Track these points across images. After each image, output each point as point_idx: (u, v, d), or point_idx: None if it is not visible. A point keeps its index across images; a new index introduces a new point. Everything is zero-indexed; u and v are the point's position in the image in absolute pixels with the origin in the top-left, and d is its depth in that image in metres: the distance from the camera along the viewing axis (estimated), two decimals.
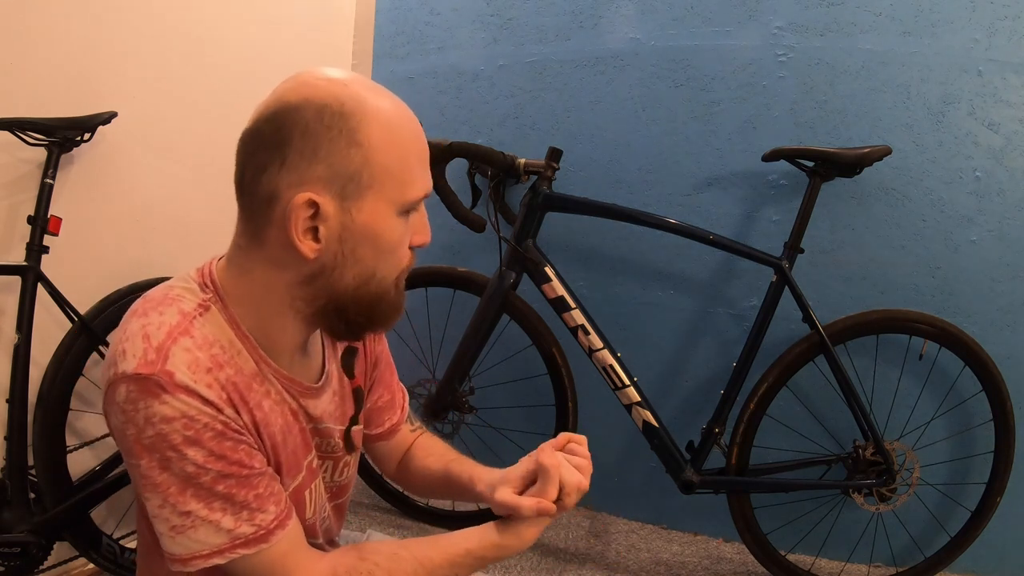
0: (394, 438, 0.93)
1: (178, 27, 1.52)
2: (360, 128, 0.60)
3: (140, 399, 0.58)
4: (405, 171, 0.63)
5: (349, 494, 0.88)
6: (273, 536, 0.64)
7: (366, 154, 0.61)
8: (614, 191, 1.82)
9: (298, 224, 0.61)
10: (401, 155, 0.63)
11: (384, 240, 0.64)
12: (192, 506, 0.60)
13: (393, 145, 0.62)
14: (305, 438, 0.74)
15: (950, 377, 1.63)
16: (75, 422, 1.37)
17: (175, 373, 0.58)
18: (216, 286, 0.66)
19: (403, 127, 0.63)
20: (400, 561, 0.70)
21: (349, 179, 0.61)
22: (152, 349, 0.59)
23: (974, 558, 1.63)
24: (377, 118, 0.61)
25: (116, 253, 1.45)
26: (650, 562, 1.73)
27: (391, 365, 0.93)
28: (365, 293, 0.66)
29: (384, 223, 0.64)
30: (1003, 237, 1.58)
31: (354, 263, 0.64)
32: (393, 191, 0.63)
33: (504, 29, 1.92)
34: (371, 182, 0.62)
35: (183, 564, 0.62)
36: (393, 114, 0.63)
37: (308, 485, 0.75)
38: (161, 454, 0.59)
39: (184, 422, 0.58)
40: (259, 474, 0.64)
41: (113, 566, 1.35)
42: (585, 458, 0.74)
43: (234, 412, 0.63)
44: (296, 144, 0.60)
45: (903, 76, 1.59)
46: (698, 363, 1.82)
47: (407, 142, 0.63)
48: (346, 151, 0.60)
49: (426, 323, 1.93)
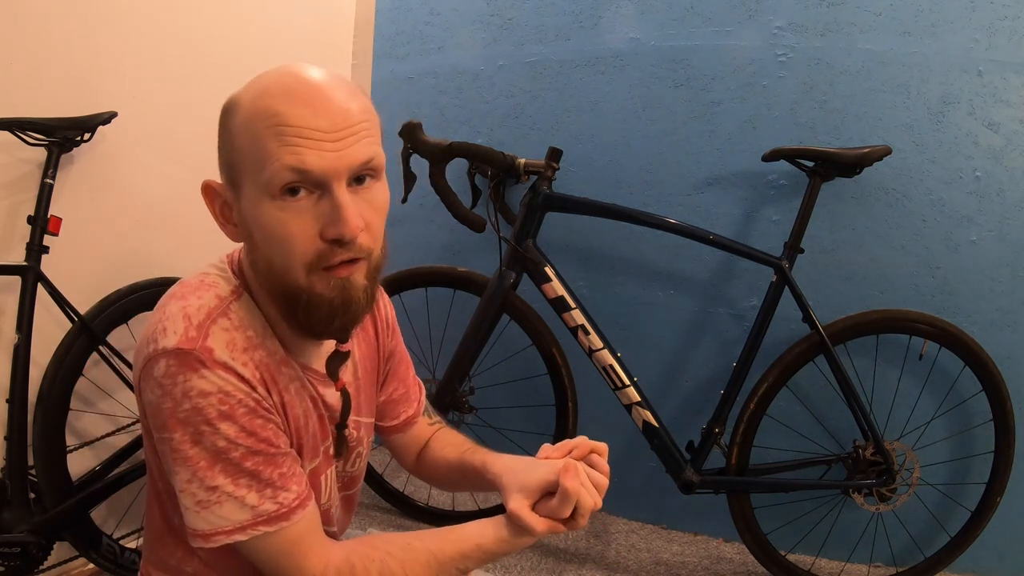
0: (410, 431, 0.94)
1: (178, 27, 1.52)
2: (231, 118, 0.64)
3: (180, 373, 0.60)
4: (259, 151, 0.60)
5: (359, 487, 0.89)
6: (294, 515, 0.66)
7: (231, 140, 0.63)
8: (614, 191, 1.82)
9: (213, 207, 0.68)
10: (253, 137, 0.61)
11: (264, 227, 0.62)
12: (219, 481, 0.62)
13: (247, 128, 0.61)
14: (323, 424, 0.76)
15: (950, 377, 1.63)
16: (75, 422, 1.37)
17: (215, 349, 0.61)
18: (243, 274, 0.69)
19: (266, 108, 0.60)
20: (413, 551, 0.71)
21: (229, 167, 0.65)
22: (193, 327, 0.62)
23: (974, 558, 1.63)
24: (243, 105, 0.63)
25: (116, 253, 1.45)
26: (650, 562, 1.73)
27: (405, 360, 0.94)
28: (276, 284, 0.64)
29: (257, 209, 0.61)
30: (1003, 237, 1.58)
31: (255, 248, 0.65)
32: (256, 174, 0.61)
33: (504, 29, 1.92)
34: (242, 168, 0.63)
35: (205, 540, 0.63)
36: (259, 96, 0.61)
37: (324, 471, 0.77)
38: (195, 428, 0.61)
39: (220, 396, 0.61)
40: (284, 454, 0.66)
41: (113, 566, 1.34)
42: (604, 474, 0.74)
43: (265, 391, 0.65)
44: (218, 140, 0.66)
45: (903, 76, 1.59)
46: (698, 363, 1.82)
47: (264, 121, 0.60)
48: (224, 140, 0.65)
49: (426, 323, 1.93)
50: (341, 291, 0.63)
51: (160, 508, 0.73)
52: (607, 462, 0.75)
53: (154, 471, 0.71)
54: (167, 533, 0.73)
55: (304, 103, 0.60)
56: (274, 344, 0.68)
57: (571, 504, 0.70)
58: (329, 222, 0.61)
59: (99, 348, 1.31)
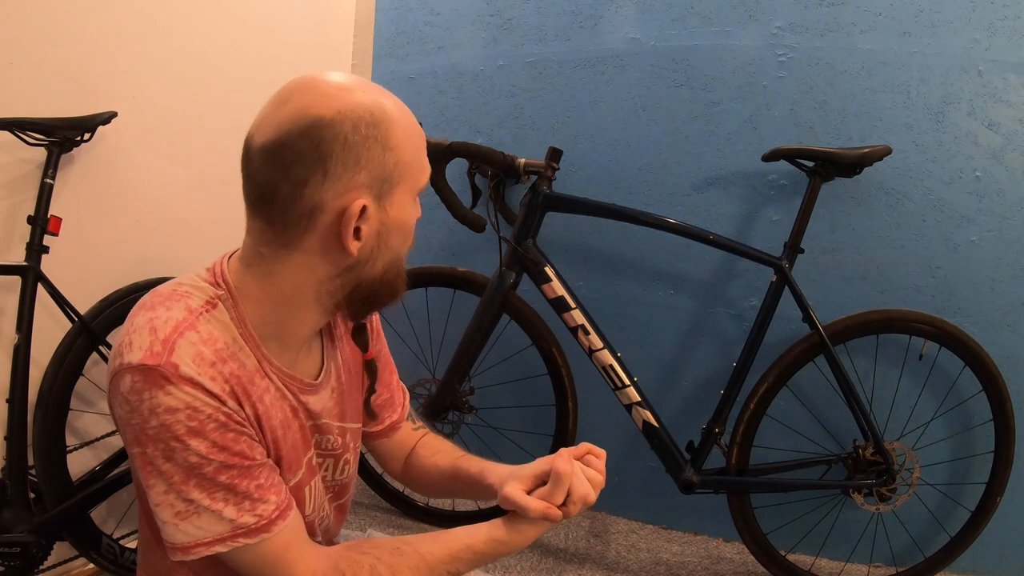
0: (395, 436, 0.94)
1: (178, 27, 1.52)
2: (390, 134, 0.65)
3: (145, 389, 0.59)
4: (420, 160, 0.69)
5: (350, 495, 0.88)
6: (275, 526, 0.65)
7: (397, 156, 0.66)
8: (614, 191, 1.82)
9: (349, 228, 0.65)
10: (417, 149, 0.69)
11: (409, 226, 0.71)
12: (195, 495, 0.62)
13: (411, 142, 0.68)
14: (304, 435, 0.75)
15: (950, 377, 1.63)
16: (75, 422, 1.37)
17: (180, 365, 0.60)
18: (228, 285, 0.68)
19: (412, 122, 0.69)
20: (402, 556, 0.70)
21: (385, 180, 0.66)
22: (158, 341, 0.61)
23: (974, 558, 1.63)
24: (398, 121, 0.66)
25: (116, 253, 1.44)
26: (650, 562, 1.73)
27: (390, 364, 0.94)
28: (391, 275, 0.71)
29: (408, 211, 0.70)
30: (1003, 237, 1.58)
31: (386, 251, 0.69)
32: (413, 181, 0.69)
33: (504, 29, 1.92)
34: (399, 179, 0.67)
35: (184, 552, 0.63)
36: (403, 112, 0.68)
37: (308, 482, 0.76)
38: (165, 444, 0.60)
39: (188, 413, 0.60)
40: (260, 465, 0.66)
41: (113, 566, 1.35)
42: (600, 472, 0.76)
43: (236, 404, 0.64)
44: (338, 156, 0.63)
45: (903, 76, 1.59)
46: (698, 363, 1.82)
47: (418, 136, 0.69)
48: (382, 156, 0.65)
49: (426, 323, 1.93)
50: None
51: (147, 517, 0.71)
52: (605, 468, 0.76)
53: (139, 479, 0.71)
54: (155, 542, 0.72)
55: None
56: (246, 356, 0.67)
57: (564, 488, 0.72)
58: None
59: (99, 348, 1.31)
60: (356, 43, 2.09)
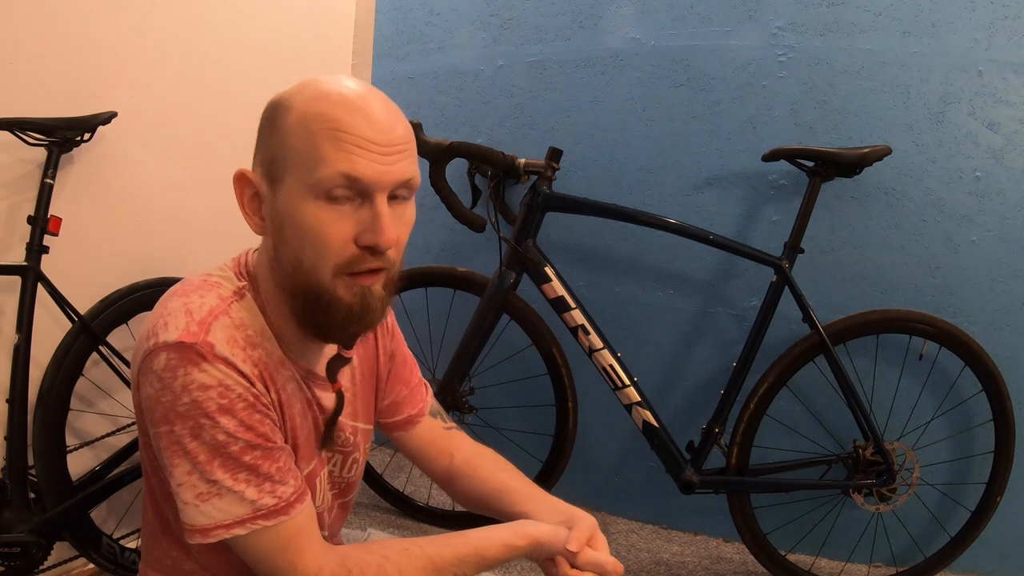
0: (414, 430, 0.93)
1: (178, 27, 1.52)
2: (283, 116, 0.65)
3: (180, 366, 0.61)
4: (313, 152, 0.62)
5: (354, 495, 0.89)
6: (293, 508, 0.66)
7: (281, 137, 0.65)
8: (614, 191, 1.82)
9: (242, 197, 0.68)
10: (309, 137, 0.63)
11: (301, 224, 0.64)
12: (218, 475, 0.63)
13: (304, 128, 0.63)
14: (318, 427, 0.76)
15: (950, 377, 1.63)
16: (75, 422, 1.37)
17: (216, 344, 0.62)
18: (251, 276, 0.71)
19: (324, 112, 0.63)
20: (410, 556, 0.71)
21: (272, 162, 0.65)
22: (195, 322, 0.63)
23: (974, 558, 1.63)
24: (299, 106, 0.64)
25: (116, 253, 1.44)
26: (650, 562, 1.73)
27: (408, 362, 0.94)
28: (300, 282, 0.66)
29: (299, 205, 0.63)
30: (1003, 237, 1.58)
31: (283, 244, 0.66)
32: (304, 173, 0.63)
33: (504, 29, 1.92)
34: (289, 165, 0.64)
35: (203, 535, 0.63)
36: (315, 99, 0.64)
37: (318, 473, 0.78)
38: (195, 421, 0.61)
39: (220, 390, 0.62)
40: (280, 448, 0.67)
41: (113, 566, 1.35)
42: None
43: (264, 387, 0.66)
44: (259, 135, 0.68)
45: (903, 76, 1.59)
46: (698, 363, 1.82)
47: (321, 124, 0.62)
48: (271, 136, 0.66)
49: (426, 323, 1.93)
50: (362, 299, 0.66)
51: (155, 508, 0.73)
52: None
53: (149, 471, 0.71)
54: (162, 533, 0.73)
55: (362, 114, 0.63)
56: (272, 345, 0.69)
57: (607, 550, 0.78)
58: (367, 229, 0.64)
59: (99, 348, 1.31)
60: (356, 43, 2.09)
